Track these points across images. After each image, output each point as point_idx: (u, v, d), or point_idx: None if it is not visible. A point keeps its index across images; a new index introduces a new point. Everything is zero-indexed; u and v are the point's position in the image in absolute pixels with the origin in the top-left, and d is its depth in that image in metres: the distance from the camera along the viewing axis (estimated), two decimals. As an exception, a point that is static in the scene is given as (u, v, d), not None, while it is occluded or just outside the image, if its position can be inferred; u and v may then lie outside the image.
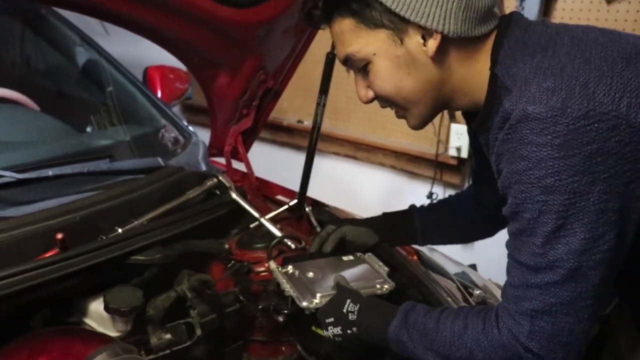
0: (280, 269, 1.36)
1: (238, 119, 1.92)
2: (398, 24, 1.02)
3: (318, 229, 1.70)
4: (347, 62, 1.12)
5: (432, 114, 1.15)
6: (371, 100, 1.16)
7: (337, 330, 1.18)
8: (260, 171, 2.06)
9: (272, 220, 1.64)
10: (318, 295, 1.25)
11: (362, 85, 1.15)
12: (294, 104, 3.62)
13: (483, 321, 1.02)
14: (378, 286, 1.32)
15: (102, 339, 1.15)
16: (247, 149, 2.04)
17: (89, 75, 2.27)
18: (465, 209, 1.48)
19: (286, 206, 1.77)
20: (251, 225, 1.66)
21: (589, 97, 0.88)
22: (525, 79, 0.95)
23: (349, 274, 1.34)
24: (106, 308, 1.21)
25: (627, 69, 0.91)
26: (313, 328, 1.29)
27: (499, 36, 1.05)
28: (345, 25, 1.07)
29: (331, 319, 1.19)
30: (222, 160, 2.05)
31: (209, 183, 1.62)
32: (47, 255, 1.19)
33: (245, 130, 1.96)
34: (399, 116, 1.17)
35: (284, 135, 3.83)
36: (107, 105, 2.10)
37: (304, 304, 1.24)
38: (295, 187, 1.83)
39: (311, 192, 1.80)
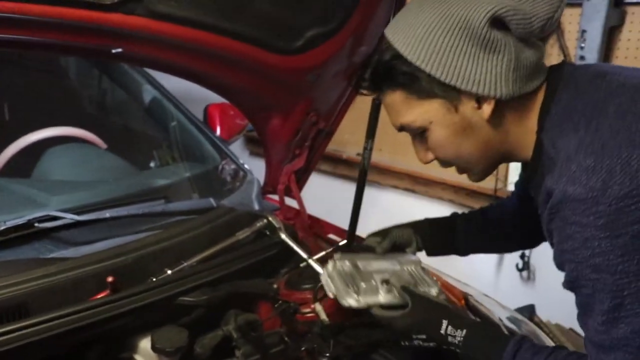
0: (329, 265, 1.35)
1: (291, 159, 1.96)
2: (450, 93, 1.03)
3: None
4: (403, 129, 1.13)
5: (492, 168, 1.15)
6: (432, 161, 1.16)
7: (429, 344, 1.16)
8: (320, 204, 2.07)
9: (322, 261, 1.66)
10: (361, 294, 1.23)
11: (421, 149, 1.15)
12: (355, 137, 3.63)
13: None
14: (434, 292, 1.29)
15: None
16: (301, 187, 2.07)
17: (152, 114, 2.38)
18: (509, 218, 1.44)
19: (335, 246, 1.79)
20: (301, 265, 1.68)
21: (631, 175, 0.86)
22: (568, 155, 0.93)
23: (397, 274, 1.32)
24: (153, 347, 1.25)
25: None
26: None
27: (547, 98, 1.04)
28: (397, 96, 1.08)
29: (423, 336, 1.16)
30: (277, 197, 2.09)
31: (259, 224, 1.65)
32: (99, 296, 1.25)
33: (298, 170, 2.00)
34: (460, 173, 1.18)
35: (343, 168, 3.85)
36: (167, 142, 2.20)
37: (348, 301, 1.23)
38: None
39: (369, 225, 1.79)
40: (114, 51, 1.30)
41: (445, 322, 1.13)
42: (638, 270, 0.86)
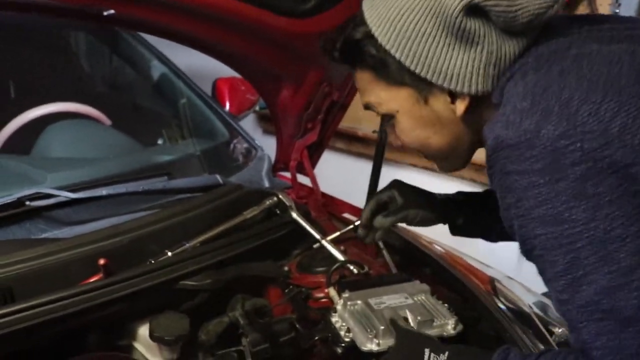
0: (338, 301, 1.29)
1: (303, 133, 1.86)
2: (421, 84, 0.94)
3: (385, 252, 1.59)
4: (369, 108, 1.05)
5: (465, 160, 1.07)
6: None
7: None
8: (334, 182, 1.98)
9: (336, 242, 1.56)
10: (380, 336, 1.17)
11: (391, 132, 1.08)
12: (370, 113, 3.51)
13: None
14: (451, 326, 1.21)
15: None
16: (314, 163, 1.97)
17: (160, 90, 2.29)
18: None
19: (351, 226, 1.67)
20: (314, 246, 1.58)
21: (568, 116, 0.76)
22: (508, 100, 0.84)
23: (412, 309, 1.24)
24: (151, 336, 1.17)
25: (633, 86, 0.76)
26: None
27: None
28: (366, 76, 1.00)
29: None
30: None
31: (268, 202, 1.55)
32: (91, 280, 1.16)
33: (310, 145, 1.89)
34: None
35: (359, 145, 3.73)
36: (175, 119, 2.12)
37: (368, 346, 1.17)
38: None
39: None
40: (105, 13, 1.19)
41: (427, 351, 1.06)
42: (587, 218, 0.75)
